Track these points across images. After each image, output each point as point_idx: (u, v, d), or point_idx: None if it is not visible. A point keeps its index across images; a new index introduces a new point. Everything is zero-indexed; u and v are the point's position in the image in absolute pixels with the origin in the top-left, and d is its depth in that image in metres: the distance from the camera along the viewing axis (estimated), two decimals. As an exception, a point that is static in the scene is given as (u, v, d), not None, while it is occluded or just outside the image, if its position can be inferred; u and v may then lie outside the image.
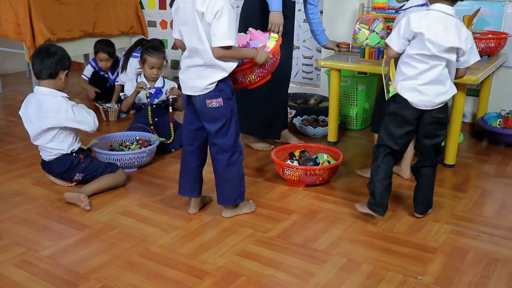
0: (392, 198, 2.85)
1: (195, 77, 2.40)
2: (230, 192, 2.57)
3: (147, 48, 3.58)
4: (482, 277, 2.14)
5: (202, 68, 2.37)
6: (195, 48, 2.35)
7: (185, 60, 2.45)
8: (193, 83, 2.40)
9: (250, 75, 2.52)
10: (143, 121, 3.57)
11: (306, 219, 2.63)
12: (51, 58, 2.80)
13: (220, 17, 2.23)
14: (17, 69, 6.23)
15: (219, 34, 2.25)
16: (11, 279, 2.12)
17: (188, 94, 2.45)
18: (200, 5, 2.25)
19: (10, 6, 4.61)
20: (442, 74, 2.35)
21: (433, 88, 2.36)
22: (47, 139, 2.86)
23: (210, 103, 2.39)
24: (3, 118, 4.44)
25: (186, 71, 2.45)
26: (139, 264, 2.23)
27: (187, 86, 2.44)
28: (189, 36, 2.37)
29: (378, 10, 3.97)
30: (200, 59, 2.35)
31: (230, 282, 2.10)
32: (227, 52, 2.30)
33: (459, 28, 2.30)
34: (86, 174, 2.94)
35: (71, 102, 2.87)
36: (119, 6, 5.43)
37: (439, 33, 2.28)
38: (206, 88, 2.38)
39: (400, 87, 2.43)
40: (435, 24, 2.29)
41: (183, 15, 2.35)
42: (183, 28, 2.39)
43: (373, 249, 2.34)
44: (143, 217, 2.66)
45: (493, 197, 2.89)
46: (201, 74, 2.38)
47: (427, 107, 2.39)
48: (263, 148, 3.61)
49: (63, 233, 2.50)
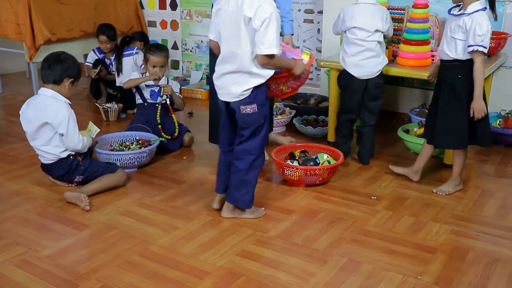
0: (392, 198, 2.85)
1: (231, 83, 2.41)
2: (244, 194, 2.56)
3: (150, 48, 3.60)
4: (482, 277, 2.14)
5: (238, 74, 2.39)
6: (233, 53, 2.36)
7: (220, 65, 2.46)
8: (230, 90, 2.42)
9: (283, 85, 2.56)
10: (145, 119, 3.57)
11: (306, 219, 2.63)
12: (58, 64, 2.82)
13: (268, 25, 2.24)
14: (17, 69, 6.22)
15: (266, 42, 2.26)
16: (11, 279, 2.12)
17: (225, 100, 2.47)
18: (248, 10, 2.25)
19: (10, 6, 4.61)
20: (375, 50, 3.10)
21: (371, 61, 3.12)
22: (43, 141, 2.85)
23: (244, 109, 2.42)
24: (3, 118, 4.44)
25: (221, 78, 2.46)
26: (139, 264, 2.23)
27: (224, 92, 2.46)
28: (228, 39, 2.37)
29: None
30: (236, 65, 2.36)
31: (230, 282, 2.10)
32: (271, 60, 2.33)
33: (380, 12, 3.09)
34: (86, 176, 2.94)
35: (71, 110, 2.87)
36: (119, 6, 5.43)
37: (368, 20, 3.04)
38: (241, 94, 2.40)
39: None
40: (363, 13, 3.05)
41: (225, 17, 2.36)
42: (223, 30, 2.39)
43: (373, 249, 2.34)
44: (143, 217, 2.66)
45: (493, 197, 2.89)
46: (237, 80, 2.39)
47: (369, 77, 3.14)
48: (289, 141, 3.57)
49: (63, 233, 2.50)
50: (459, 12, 2.66)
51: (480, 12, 2.59)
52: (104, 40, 4.71)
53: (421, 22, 3.31)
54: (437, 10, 3.88)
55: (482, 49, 2.58)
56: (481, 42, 2.57)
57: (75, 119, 2.88)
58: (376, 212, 2.70)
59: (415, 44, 3.33)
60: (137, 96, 3.62)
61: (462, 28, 2.62)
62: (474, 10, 2.59)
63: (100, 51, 4.82)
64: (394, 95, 4.42)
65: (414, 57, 3.33)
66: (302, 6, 4.77)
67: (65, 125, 2.81)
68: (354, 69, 3.16)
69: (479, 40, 2.57)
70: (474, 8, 2.60)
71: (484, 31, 2.56)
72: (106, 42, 4.72)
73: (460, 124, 2.75)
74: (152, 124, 3.56)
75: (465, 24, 2.61)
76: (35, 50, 4.63)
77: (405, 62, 3.36)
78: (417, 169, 3.04)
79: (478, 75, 2.63)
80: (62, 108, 2.82)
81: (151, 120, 3.57)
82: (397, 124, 4.05)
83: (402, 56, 3.37)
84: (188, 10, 5.48)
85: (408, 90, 4.35)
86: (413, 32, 3.33)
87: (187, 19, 5.52)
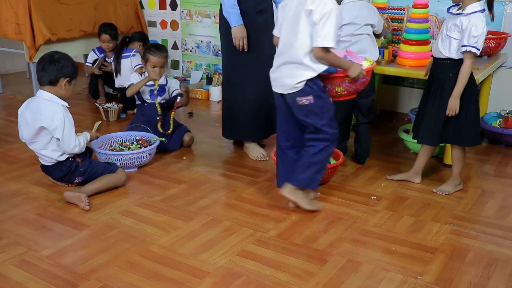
0: (392, 198, 2.85)
1: (285, 76, 2.51)
2: (305, 175, 2.58)
3: (149, 48, 3.59)
4: (482, 277, 2.14)
5: (292, 66, 2.48)
6: (290, 44, 2.46)
7: (277, 58, 2.57)
8: (284, 82, 2.52)
9: (338, 86, 2.61)
10: (145, 119, 3.57)
11: (306, 219, 2.63)
12: (52, 65, 2.78)
13: (328, 19, 2.34)
14: (17, 69, 6.22)
15: (323, 35, 2.35)
16: (11, 279, 2.12)
17: (280, 93, 2.56)
18: (310, 4, 2.37)
19: (10, 6, 4.60)
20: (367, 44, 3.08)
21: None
22: (41, 145, 2.85)
23: (300, 101, 2.50)
24: (3, 118, 4.44)
25: (277, 70, 2.56)
26: (139, 264, 2.23)
27: (278, 84, 2.56)
28: (287, 31, 2.48)
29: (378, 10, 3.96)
30: (290, 56, 2.47)
31: (230, 282, 2.10)
32: (325, 55, 2.40)
33: (368, 7, 3.11)
34: (86, 177, 2.93)
35: (68, 114, 2.83)
36: (119, 6, 5.43)
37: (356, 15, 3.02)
38: (295, 86, 2.48)
39: None
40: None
41: (288, 12, 2.48)
42: (285, 25, 2.49)
43: (373, 249, 2.34)
44: (143, 217, 2.66)
45: (493, 197, 2.89)
46: (291, 73, 2.48)
47: None
48: (258, 158, 3.44)
49: (63, 233, 2.50)
50: (458, 12, 2.66)
51: (478, 13, 2.58)
52: (106, 39, 4.72)
53: (421, 22, 3.31)
54: (437, 10, 3.88)
55: (475, 50, 2.58)
56: (475, 44, 2.57)
57: (71, 123, 2.85)
58: (376, 212, 2.70)
59: (415, 44, 3.33)
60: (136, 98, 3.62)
61: (458, 27, 2.62)
62: (472, 11, 2.59)
63: (100, 50, 4.82)
64: (394, 95, 4.42)
65: (414, 57, 3.33)
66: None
67: (60, 130, 2.78)
68: None
69: (473, 42, 2.57)
70: (473, 9, 2.59)
71: (479, 33, 2.56)
72: (109, 41, 4.72)
73: (439, 121, 2.76)
74: (152, 124, 3.56)
75: (462, 23, 2.60)
76: (35, 50, 4.63)
77: (405, 62, 3.36)
78: (417, 170, 3.04)
79: (463, 75, 2.64)
80: (57, 112, 2.78)
81: (151, 120, 3.57)
82: (397, 124, 4.06)
83: (402, 56, 3.37)
84: (188, 10, 5.48)
85: (408, 90, 4.35)
86: (413, 32, 3.33)
87: (187, 19, 5.52)
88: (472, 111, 2.76)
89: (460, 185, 2.94)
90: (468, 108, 2.74)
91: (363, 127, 3.30)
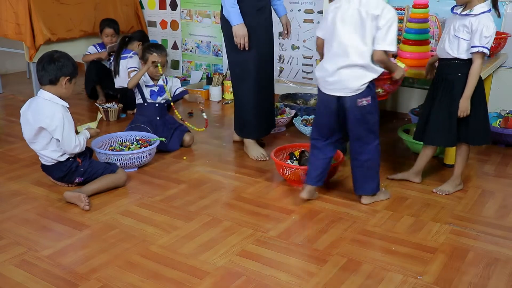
0: (392, 198, 2.85)
1: (348, 78, 2.56)
2: (373, 182, 2.73)
3: (148, 47, 3.59)
4: (482, 277, 2.14)
5: (356, 69, 2.54)
6: (352, 46, 2.53)
7: (333, 61, 2.59)
8: (346, 84, 2.56)
9: (381, 87, 2.79)
10: (145, 119, 3.57)
11: (306, 219, 2.63)
12: (51, 64, 2.78)
13: (391, 25, 2.49)
14: (17, 69, 6.22)
15: (388, 40, 2.50)
16: (11, 279, 2.12)
17: (337, 95, 2.60)
18: (374, 9, 2.48)
19: (10, 6, 4.60)
20: None
21: None
22: (41, 146, 2.85)
23: (360, 102, 2.58)
24: (3, 118, 4.44)
25: (335, 74, 2.58)
26: (139, 264, 2.23)
27: (338, 87, 2.59)
28: (347, 34, 2.53)
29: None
30: (353, 59, 2.53)
31: (230, 282, 2.10)
32: (384, 58, 2.56)
33: None
34: (86, 177, 2.93)
35: (68, 114, 2.83)
36: (119, 6, 5.43)
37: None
38: (358, 88, 2.56)
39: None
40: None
41: (344, 15, 2.54)
42: (340, 27, 2.55)
43: (373, 249, 2.34)
44: (143, 217, 2.66)
45: (493, 197, 2.89)
46: (355, 75, 2.55)
47: None
48: (258, 158, 3.44)
49: (63, 233, 2.50)
50: (465, 12, 2.63)
51: (486, 14, 2.58)
52: (110, 33, 4.75)
53: (421, 22, 3.31)
54: (437, 10, 3.88)
55: (486, 51, 2.58)
56: (486, 44, 2.57)
57: (71, 123, 2.84)
58: (376, 212, 2.70)
59: (415, 44, 3.33)
60: (138, 96, 3.62)
61: (467, 28, 2.60)
62: (481, 12, 2.58)
63: (101, 46, 4.81)
64: (394, 95, 4.42)
65: (414, 57, 3.33)
66: (302, 6, 4.77)
67: (60, 130, 2.77)
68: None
69: (485, 42, 2.57)
70: (481, 10, 2.58)
71: (490, 34, 2.56)
72: (112, 35, 4.76)
73: (453, 122, 2.74)
74: (152, 124, 3.57)
75: (471, 24, 2.59)
76: (35, 50, 4.63)
77: (405, 62, 3.35)
78: (417, 170, 3.04)
79: (473, 75, 2.63)
80: (57, 112, 2.77)
81: (151, 120, 3.58)
82: (397, 124, 4.06)
83: (402, 56, 3.37)
84: (188, 10, 5.48)
85: (408, 90, 4.35)
86: (413, 32, 3.33)
87: (187, 19, 5.52)
88: (481, 110, 2.76)
89: (460, 185, 2.94)
90: (478, 107, 2.73)
91: None
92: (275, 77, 5.01)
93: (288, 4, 4.78)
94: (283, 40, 3.55)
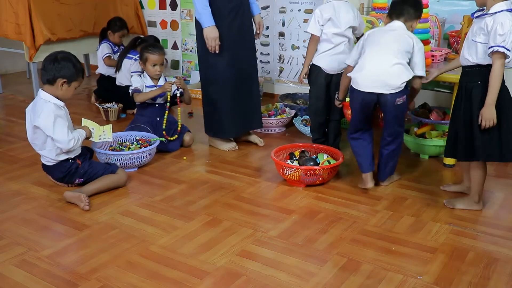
0: (392, 198, 2.85)
1: (390, 77, 2.73)
2: (394, 165, 3.00)
3: (146, 47, 3.59)
4: (482, 277, 2.14)
5: (397, 67, 2.73)
6: (393, 48, 2.77)
7: (376, 60, 2.76)
8: (388, 82, 2.73)
9: None
10: (146, 120, 3.57)
11: (306, 219, 2.63)
12: (51, 64, 2.76)
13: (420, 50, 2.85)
14: (17, 69, 6.23)
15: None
16: (11, 279, 2.12)
17: (378, 92, 2.76)
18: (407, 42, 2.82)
19: (10, 6, 4.61)
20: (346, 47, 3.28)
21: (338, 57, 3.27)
22: (39, 145, 2.84)
23: (398, 101, 2.76)
24: (3, 118, 4.44)
25: (380, 72, 2.74)
26: (139, 264, 2.23)
27: (380, 85, 2.75)
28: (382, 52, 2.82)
29: (378, 10, 3.96)
30: (397, 59, 2.73)
31: (230, 282, 2.10)
32: None
33: (354, 10, 3.28)
34: (86, 178, 2.93)
35: (60, 111, 2.78)
36: (119, 6, 5.43)
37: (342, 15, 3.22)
38: (399, 87, 2.74)
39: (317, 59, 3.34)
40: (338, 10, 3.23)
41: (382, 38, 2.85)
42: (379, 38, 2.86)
43: (373, 249, 2.34)
44: (143, 217, 2.66)
45: (493, 197, 2.89)
46: (397, 73, 2.73)
47: (334, 72, 3.31)
48: (230, 148, 3.60)
49: (63, 233, 2.50)
50: (481, 13, 2.47)
51: (504, 12, 2.37)
52: (126, 34, 4.85)
53: (421, 22, 3.30)
54: (437, 10, 3.88)
55: (503, 50, 2.34)
56: (503, 43, 2.34)
57: (64, 119, 2.79)
58: (376, 212, 2.70)
59: (415, 44, 3.32)
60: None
61: (483, 30, 2.42)
62: (498, 10, 2.38)
63: (114, 45, 4.81)
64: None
65: (414, 57, 3.33)
66: (302, 6, 4.77)
67: (51, 127, 2.74)
68: (322, 62, 3.33)
69: (500, 40, 2.34)
70: (499, 8, 2.38)
71: (506, 31, 2.33)
72: (125, 35, 4.85)
73: (472, 133, 2.51)
74: (152, 124, 3.57)
75: (487, 25, 2.40)
76: (35, 50, 4.63)
77: (405, 62, 3.35)
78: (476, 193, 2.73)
79: (494, 79, 2.40)
80: (48, 110, 2.75)
81: (151, 120, 3.57)
82: (397, 124, 4.05)
83: (402, 56, 3.36)
84: (188, 10, 5.48)
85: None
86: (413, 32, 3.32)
87: (187, 19, 5.52)
88: (509, 118, 2.48)
89: (478, 204, 2.70)
90: (503, 116, 2.47)
91: (333, 123, 3.47)
92: (275, 77, 5.05)
93: (288, 4, 4.78)
94: (257, 39, 3.63)
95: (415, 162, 3.37)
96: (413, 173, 3.19)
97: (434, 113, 3.60)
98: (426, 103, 3.85)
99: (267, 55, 5.06)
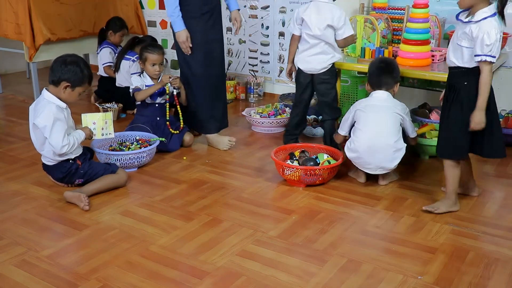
0: (392, 198, 2.85)
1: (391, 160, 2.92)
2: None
3: (146, 47, 3.59)
4: (482, 277, 2.14)
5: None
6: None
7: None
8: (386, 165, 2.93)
9: None
10: (146, 120, 3.57)
11: (306, 219, 2.63)
12: (59, 66, 2.76)
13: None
14: (17, 69, 6.22)
15: None
16: (11, 279, 2.12)
17: None
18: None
19: (10, 6, 4.60)
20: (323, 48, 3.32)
21: (317, 57, 3.34)
22: (38, 145, 2.84)
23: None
24: (3, 118, 4.44)
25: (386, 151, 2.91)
26: (139, 264, 2.23)
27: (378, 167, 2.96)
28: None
29: (378, 10, 3.97)
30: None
31: (230, 282, 2.10)
32: None
33: (332, 11, 3.22)
34: (86, 178, 2.93)
35: (60, 114, 2.77)
36: (119, 6, 5.43)
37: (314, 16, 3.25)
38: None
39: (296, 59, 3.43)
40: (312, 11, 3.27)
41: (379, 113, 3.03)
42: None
43: (373, 249, 2.34)
44: (143, 217, 2.66)
45: (493, 197, 2.89)
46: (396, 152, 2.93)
47: (313, 72, 3.37)
48: (228, 146, 3.62)
49: (63, 233, 2.50)
50: (467, 19, 2.47)
51: (488, 19, 2.40)
52: (126, 33, 4.85)
53: (421, 22, 3.31)
54: (437, 10, 3.88)
55: (491, 59, 2.42)
56: (489, 52, 2.41)
57: (63, 122, 2.78)
58: (376, 212, 2.70)
59: (415, 44, 3.33)
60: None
61: (468, 35, 2.45)
62: (482, 18, 2.41)
63: (114, 46, 4.80)
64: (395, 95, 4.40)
65: (414, 57, 3.33)
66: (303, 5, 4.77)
67: (48, 129, 2.73)
68: (301, 64, 3.40)
69: (487, 50, 2.40)
70: (483, 15, 2.41)
71: (492, 41, 2.39)
72: (125, 35, 4.84)
73: (461, 133, 2.57)
74: (152, 124, 3.57)
75: (472, 32, 2.43)
76: (35, 50, 4.62)
77: (405, 62, 3.35)
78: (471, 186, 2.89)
79: (483, 86, 2.46)
80: (48, 110, 2.74)
81: (151, 120, 3.57)
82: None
83: (402, 56, 3.37)
84: (188, 10, 5.47)
85: (408, 90, 4.34)
86: (413, 32, 3.33)
87: (187, 19, 5.52)
88: (493, 120, 2.58)
89: (455, 205, 2.70)
90: (490, 118, 2.55)
91: (327, 123, 3.48)
92: (275, 77, 5.05)
93: (288, 4, 4.78)
94: (234, 35, 3.68)
95: (415, 162, 3.37)
96: (413, 173, 3.19)
97: (434, 113, 3.60)
98: (426, 103, 3.85)
99: (267, 55, 5.06)
